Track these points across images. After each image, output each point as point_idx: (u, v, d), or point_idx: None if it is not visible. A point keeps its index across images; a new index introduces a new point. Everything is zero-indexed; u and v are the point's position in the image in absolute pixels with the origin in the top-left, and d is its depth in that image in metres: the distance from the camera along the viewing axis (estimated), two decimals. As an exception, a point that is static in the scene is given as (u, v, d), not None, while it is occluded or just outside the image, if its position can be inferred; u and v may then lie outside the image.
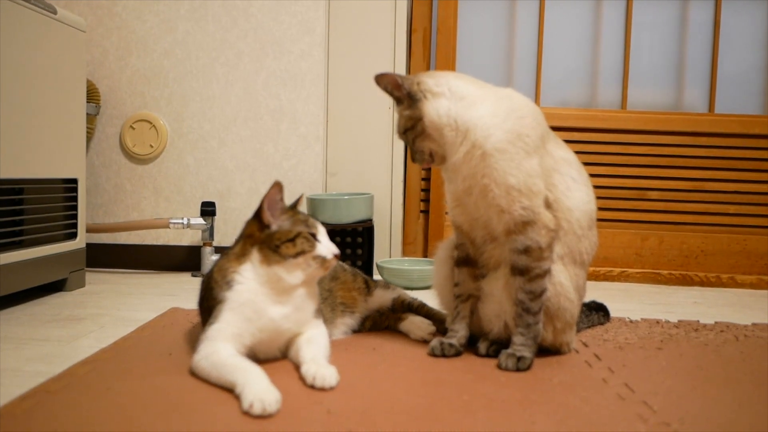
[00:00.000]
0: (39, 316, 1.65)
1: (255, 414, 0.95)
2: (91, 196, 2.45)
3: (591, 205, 1.34)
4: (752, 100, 2.52)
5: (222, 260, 1.24)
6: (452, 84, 1.28)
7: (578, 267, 1.32)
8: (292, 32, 2.41)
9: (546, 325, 1.29)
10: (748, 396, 1.13)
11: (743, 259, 2.46)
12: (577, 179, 1.31)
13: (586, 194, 1.33)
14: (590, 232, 1.33)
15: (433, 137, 1.28)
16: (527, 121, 1.25)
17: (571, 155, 1.35)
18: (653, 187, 2.48)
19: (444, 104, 1.26)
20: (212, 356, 1.11)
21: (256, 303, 1.16)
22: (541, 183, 1.24)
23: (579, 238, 1.30)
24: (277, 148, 2.44)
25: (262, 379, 1.03)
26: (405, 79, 1.30)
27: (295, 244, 1.17)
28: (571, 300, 1.30)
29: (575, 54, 2.57)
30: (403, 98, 1.30)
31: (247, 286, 1.17)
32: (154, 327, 1.51)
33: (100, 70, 2.44)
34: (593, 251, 1.36)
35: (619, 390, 1.14)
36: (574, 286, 1.31)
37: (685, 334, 1.58)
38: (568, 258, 1.30)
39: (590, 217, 1.33)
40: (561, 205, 1.27)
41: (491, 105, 1.25)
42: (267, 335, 1.18)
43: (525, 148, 1.22)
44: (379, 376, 1.18)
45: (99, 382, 1.11)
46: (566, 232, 1.28)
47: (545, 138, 1.29)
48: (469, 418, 0.98)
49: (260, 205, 1.20)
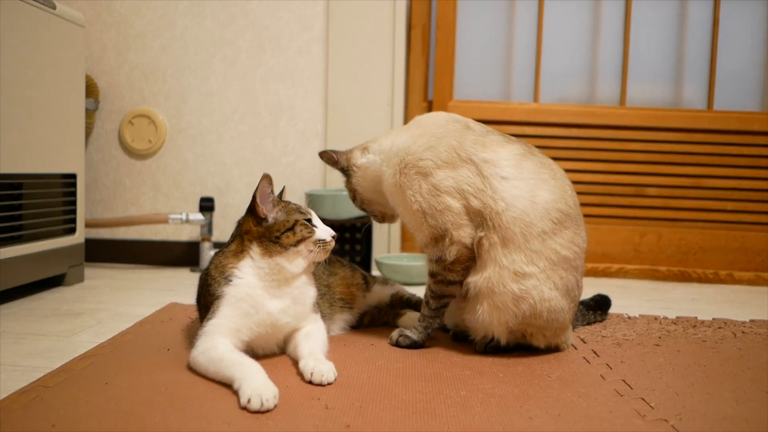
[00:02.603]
0: (37, 311, 1.65)
1: (253, 409, 0.95)
2: (90, 192, 2.45)
3: (543, 198, 1.26)
4: (751, 97, 2.52)
5: (218, 257, 1.24)
6: (375, 148, 1.39)
7: (561, 269, 1.27)
8: (290, 28, 2.41)
9: (536, 335, 1.30)
10: (746, 392, 1.13)
11: (741, 255, 2.46)
12: (510, 176, 1.27)
13: (526, 190, 1.26)
14: (559, 226, 1.27)
15: (373, 201, 1.42)
16: (419, 147, 1.30)
17: (502, 153, 1.29)
18: (652, 184, 2.48)
19: (368, 173, 1.39)
20: (210, 352, 1.11)
21: (254, 298, 1.17)
22: (450, 198, 1.26)
23: (538, 237, 1.24)
24: (275, 144, 2.44)
25: (260, 374, 1.03)
26: (340, 155, 1.44)
27: (295, 233, 1.20)
28: (561, 308, 1.28)
29: (574, 50, 2.57)
30: (343, 173, 1.45)
31: (246, 281, 1.18)
32: (153, 322, 1.51)
33: (99, 66, 2.44)
34: (578, 245, 1.29)
35: (617, 386, 1.14)
36: (562, 291, 1.27)
37: (683, 331, 1.59)
38: (544, 263, 1.25)
39: (547, 209, 1.26)
40: (490, 210, 1.25)
41: (387, 153, 1.35)
42: (265, 330, 1.19)
43: (420, 172, 1.28)
44: (377, 371, 1.18)
45: (97, 376, 1.11)
46: (510, 238, 1.24)
47: (464, 148, 1.28)
48: (466, 413, 0.99)
49: (253, 199, 1.20)
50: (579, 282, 1.33)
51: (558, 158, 2.46)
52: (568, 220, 1.29)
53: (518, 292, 1.24)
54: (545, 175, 1.30)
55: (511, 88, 2.59)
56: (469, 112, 2.49)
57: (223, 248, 1.26)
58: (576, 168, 2.49)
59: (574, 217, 1.31)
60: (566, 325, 1.33)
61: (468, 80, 2.58)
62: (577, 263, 1.31)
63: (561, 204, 1.29)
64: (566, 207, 1.29)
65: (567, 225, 1.29)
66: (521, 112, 2.49)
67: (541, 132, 2.49)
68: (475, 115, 2.49)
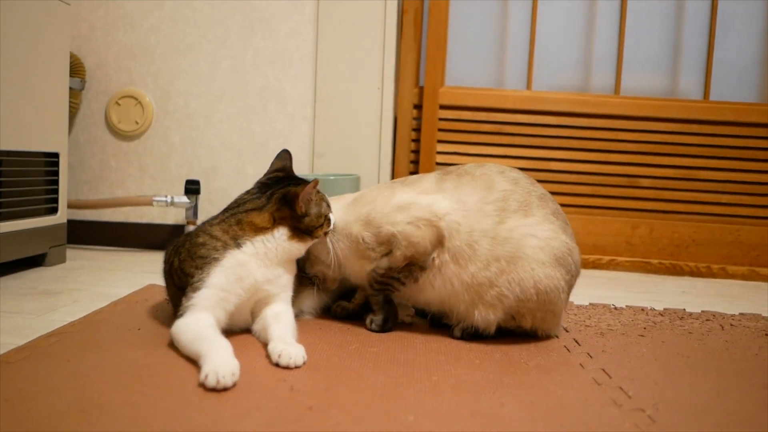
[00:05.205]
0: (14, 290, 1.62)
1: (209, 386, 0.93)
2: (75, 173, 2.42)
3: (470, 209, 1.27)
4: (748, 88, 2.47)
5: (224, 225, 1.22)
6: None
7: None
8: (281, 10, 2.36)
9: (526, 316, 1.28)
10: (729, 384, 1.10)
11: (735, 249, 2.43)
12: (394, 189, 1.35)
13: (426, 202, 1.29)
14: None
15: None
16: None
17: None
18: (645, 175, 2.44)
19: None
20: (192, 325, 1.10)
21: (249, 264, 1.19)
22: (382, 218, 1.30)
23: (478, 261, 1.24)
24: (263, 128, 2.40)
25: (224, 351, 1.00)
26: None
27: (323, 227, 1.29)
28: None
29: (569, 37, 2.52)
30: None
31: (251, 250, 1.20)
32: (129, 302, 1.48)
33: (87, 45, 2.40)
34: (546, 245, 1.25)
35: (596, 375, 1.11)
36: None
37: (670, 322, 1.55)
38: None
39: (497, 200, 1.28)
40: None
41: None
42: (248, 296, 1.20)
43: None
44: (349, 355, 1.15)
45: (60, 353, 1.08)
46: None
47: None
48: (434, 398, 0.95)
49: (295, 196, 1.22)
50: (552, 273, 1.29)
51: (550, 147, 2.45)
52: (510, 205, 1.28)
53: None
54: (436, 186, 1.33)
55: (504, 75, 2.55)
56: (461, 98, 2.45)
57: (218, 219, 1.24)
58: (568, 157, 2.45)
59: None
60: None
61: (460, 66, 2.54)
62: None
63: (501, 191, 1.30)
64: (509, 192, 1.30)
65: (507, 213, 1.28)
66: (514, 100, 2.45)
67: (534, 120, 2.45)
68: (467, 101, 2.47)
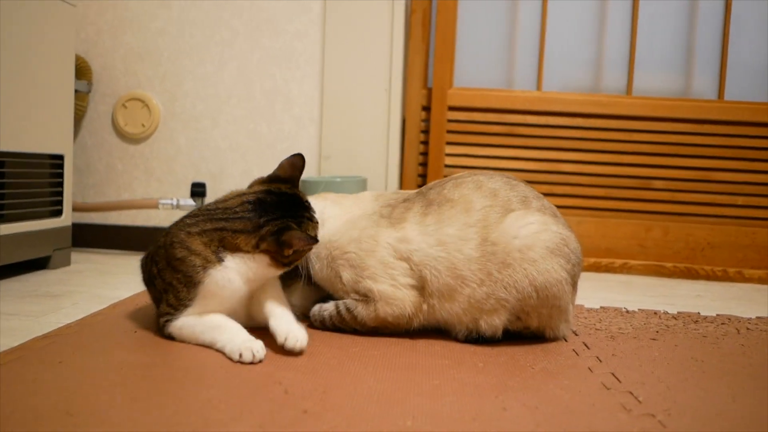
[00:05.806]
0: (15, 292, 1.61)
1: (246, 361, 1.03)
2: (82, 176, 2.41)
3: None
4: (763, 88, 2.41)
5: (204, 238, 1.16)
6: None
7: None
8: (288, 11, 2.35)
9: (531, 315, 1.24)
10: (743, 388, 1.05)
11: (752, 252, 2.36)
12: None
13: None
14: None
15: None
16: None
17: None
18: (658, 176, 2.39)
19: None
20: (196, 318, 1.14)
21: (233, 283, 1.14)
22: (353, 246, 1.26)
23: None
24: (270, 129, 2.38)
25: (243, 332, 1.09)
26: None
27: (302, 256, 1.20)
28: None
29: (580, 36, 2.48)
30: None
31: (235, 269, 1.14)
32: (127, 305, 1.46)
33: (94, 49, 2.40)
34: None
35: (605, 379, 1.07)
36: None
37: (684, 326, 1.50)
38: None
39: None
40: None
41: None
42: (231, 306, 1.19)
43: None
44: (349, 358, 1.12)
45: (53, 355, 1.05)
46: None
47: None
48: (435, 401, 0.92)
49: (291, 244, 1.13)
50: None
51: (561, 148, 2.40)
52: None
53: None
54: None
55: (514, 76, 2.51)
56: (470, 99, 2.42)
57: (199, 228, 1.18)
58: (580, 159, 2.40)
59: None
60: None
61: (469, 67, 2.50)
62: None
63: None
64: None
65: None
66: (524, 100, 2.41)
67: (544, 121, 2.40)
68: (476, 102, 2.43)
